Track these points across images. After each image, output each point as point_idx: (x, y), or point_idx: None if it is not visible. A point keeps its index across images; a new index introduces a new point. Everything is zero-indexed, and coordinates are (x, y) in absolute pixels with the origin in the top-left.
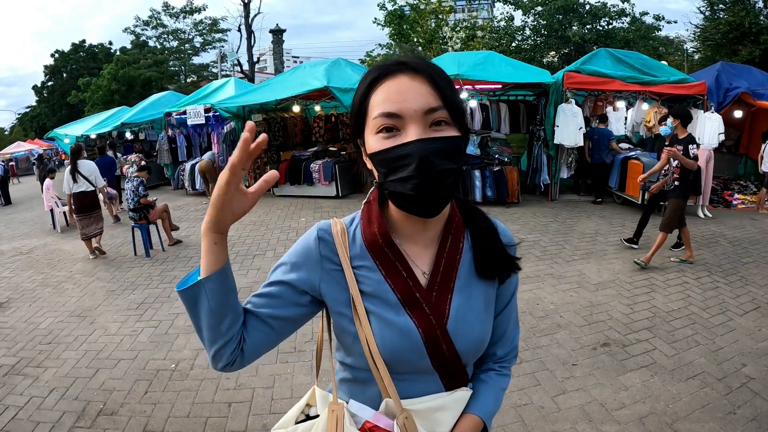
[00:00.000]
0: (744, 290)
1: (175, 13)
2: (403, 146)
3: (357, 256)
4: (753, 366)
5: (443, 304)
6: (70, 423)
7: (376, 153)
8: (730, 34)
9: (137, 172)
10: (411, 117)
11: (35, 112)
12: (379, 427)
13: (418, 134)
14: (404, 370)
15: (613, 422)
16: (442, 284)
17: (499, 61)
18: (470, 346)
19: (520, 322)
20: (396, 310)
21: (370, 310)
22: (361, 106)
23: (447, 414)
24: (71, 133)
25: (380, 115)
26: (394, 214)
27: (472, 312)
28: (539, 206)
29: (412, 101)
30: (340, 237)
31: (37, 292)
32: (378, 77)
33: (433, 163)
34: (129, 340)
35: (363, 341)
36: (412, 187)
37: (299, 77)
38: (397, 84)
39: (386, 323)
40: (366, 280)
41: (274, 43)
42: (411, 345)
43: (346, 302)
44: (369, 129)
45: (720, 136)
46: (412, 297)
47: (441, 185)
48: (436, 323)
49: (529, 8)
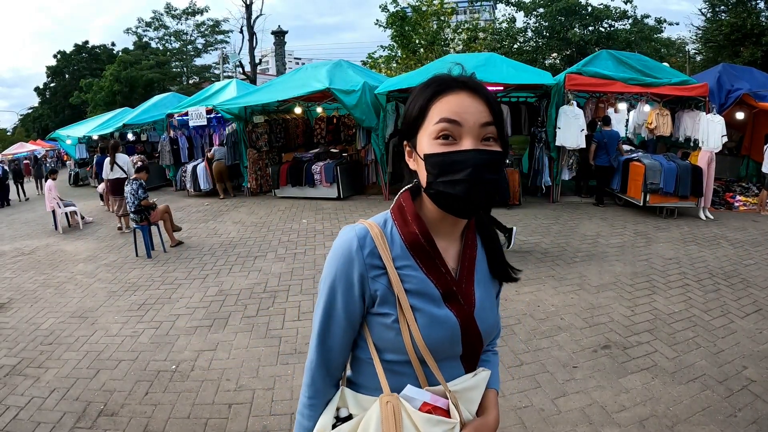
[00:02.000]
0: (745, 292)
1: (178, 15)
2: (461, 153)
3: (399, 257)
4: (754, 368)
5: (471, 295)
6: (71, 423)
7: (432, 155)
8: (732, 36)
9: (135, 173)
10: (469, 128)
11: (37, 113)
12: (438, 407)
13: (473, 145)
14: (440, 357)
15: (613, 425)
16: (468, 277)
17: (501, 62)
18: (490, 330)
19: (521, 324)
20: (438, 304)
21: (415, 306)
22: (421, 111)
23: (476, 392)
24: (73, 134)
25: (443, 120)
26: (430, 214)
27: (489, 300)
28: (541, 208)
29: (472, 115)
30: (380, 240)
31: (38, 293)
32: (442, 90)
33: (483, 172)
34: (130, 341)
35: (406, 336)
36: (462, 190)
37: (301, 79)
38: (460, 98)
39: (431, 317)
40: (410, 279)
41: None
42: (451, 334)
43: (391, 302)
44: (426, 133)
45: (723, 139)
46: (450, 290)
47: (485, 191)
48: (468, 311)
49: (530, 10)
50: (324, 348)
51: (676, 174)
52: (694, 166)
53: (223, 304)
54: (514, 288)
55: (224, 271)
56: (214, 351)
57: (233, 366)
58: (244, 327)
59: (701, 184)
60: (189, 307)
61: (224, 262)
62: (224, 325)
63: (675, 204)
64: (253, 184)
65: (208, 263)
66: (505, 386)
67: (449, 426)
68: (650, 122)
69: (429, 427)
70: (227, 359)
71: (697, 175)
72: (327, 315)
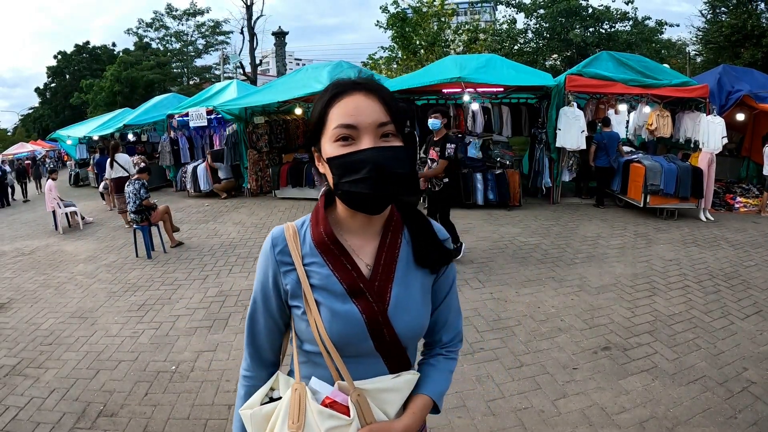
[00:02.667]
0: (746, 294)
1: (179, 16)
2: (360, 152)
3: (307, 255)
4: (754, 370)
5: (385, 293)
6: (71, 424)
7: (334, 158)
8: (733, 37)
9: (137, 174)
10: (365, 129)
11: (38, 113)
12: (337, 402)
13: (371, 143)
14: (351, 352)
15: (613, 426)
16: (384, 275)
17: (501, 64)
18: (408, 330)
19: (521, 325)
20: (342, 299)
21: (319, 300)
22: (320, 118)
23: (396, 395)
24: (74, 134)
25: (339, 126)
26: (341, 213)
27: (411, 300)
28: (541, 209)
29: (367, 116)
30: (292, 240)
31: (38, 293)
32: (337, 94)
33: (383, 168)
34: (130, 342)
35: (313, 328)
36: (365, 187)
37: (301, 80)
38: (354, 101)
39: (333, 311)
40: (315, 275)
41: (276, 45)
42: (355, 329)
43: (300, 296)
44: (327, 138)
45: (723, 140)
46: (356, 287)
47: (390, 185)
48: (378, 310)
49: (531, 11)
50: (252, 332)
51: (677, 175)
52: (694, 167)
53: (223, 305)
54: (514, 289)
55: (224, 271)
56: (213, 352)
57: (233, 367)
58: (244, 328)
59: (701, 185)
60: (189, 307)
61: (224, 263)
62: (224, 325)
63: (675, 205)
64: (253, 184)
65: (208, 264)
66: (505, 387)
67: (341, 422)
68: (650, 123)
69: (321, 419)
70: (227, 360)
71: (697, 177)
72: (254, 303)
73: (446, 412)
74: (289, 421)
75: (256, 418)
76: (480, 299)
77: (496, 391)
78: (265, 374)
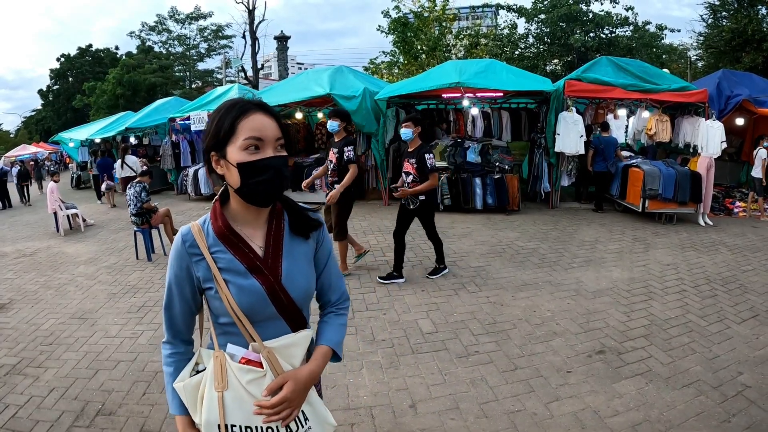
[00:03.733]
0: (743, 298)
1: (181, 19)
2: (269, 159)
3: (212, 245)
4: (749, 374)
5: (277, 267)
6: (69, 422)
7: (245, 162)
8: (733, 42)
9: (139, 177)
10: (268, 141)
11: (40, 115)
12: (252, 360)
13: (272, 153)
14: (258, 318)
15: (606, 429)
16: (274, 253)
17: (501, 69)
18: (301, 293)
19: (516, 329)
20: (244, 276)
21: (227, 279)
22: (231, 128)
23: (297, 349)
24: (76, 137)
25: (250, 138)
26: (235, 208)
27: (298, 269)
28: (540, 214)
29: (269, 131)
30: (198, 234)
31: (39, 294)
32: (244, 111)
33: (280, 170)
34: (129, 343)
35: (225, 302)
36: (269, 187)
37: (302, 83)
38: (260, 119)
39: (239, 286)
40: (221, 260)
41: (278, 49)
42: (258, 298)
43: (210, 279)
44: (235, 146)
45: (722, 144)
46: (254, 265)
47: (282, 185)
48: (274, 280)
49: (532, 16)
50: (170, 316)
51: (675, 180)
52: (693, 172)
53: None
54: (510, 293)
55: None
56: None
57: None
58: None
59: (700, 190)
60: None
61: None
62: None
63: (674, 210)
64: None
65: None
66: (499, 390)
67: (258, 374)
68: (650, 128)
69: (242, 374)
70: None
71: (696, 181)
72: (169, 292)
73: (439, 414)
74: (215, 383)
75: (188, 389)
76: (476, 303)
77: (489, 394)
78: (185, 349)
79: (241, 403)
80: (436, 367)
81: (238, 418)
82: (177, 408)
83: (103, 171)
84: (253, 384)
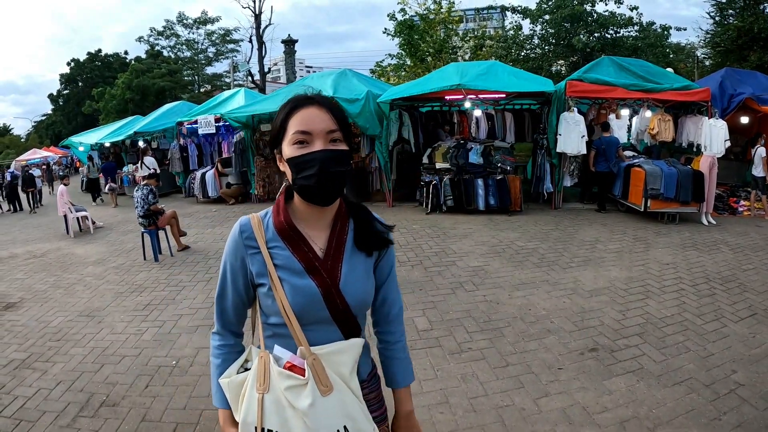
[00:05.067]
0: (741, 297)
1: (189, 24)
2: (312, 153)
3: (270, 240)
4: (743, 373)
5: (335, 270)
6: (74, 413)
7: (292, 158)
8: (740, 40)
9: (146, 179)
10: (317, 134)
11: (51, 120)
12: (296, 366)
13: (321, 146)
14: (310, 320)
15: (593, 425)
16: (335, 256)
17: (503, 70)
18: (357, 300)
19: (510, 326)
20: (301, 276)
21: (281, 277)
22: (282, 125)
23: (346, 356)
24: (86, 141)
25: (297, 132)
26: (298, 205)
27: (357, 276)
28: (542, 214)
29: (318, 124)
30: (257, 227)
31: (48, 293)
32: (295, 107)
33: (329, 165)
34: (134, 339)
35: (278, 301)
36: (315, 182)
37: (307, 88)
38: (309, 112)
39: (294, 286)
40: (278, 256)
41: (286, 53)
42: (312, 300)
43: (265, 274)
44: (287, 142)
45: (726, 143)
46: (312, 265)
47: (333, 181)
48: (331, 283)
49: (536, 17)
50: (221, 306)
51: (677, 179)
52: (695, 171)
53: None
54: (507, 292)
55: None
56: None
57: None
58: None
59: (703, 189)
60: (192, 307)
61: None
62: None
63: (676, 209)
64: (260, 191)
65: (213, 267)
66: (489, 386)
67: (298, 382)
68: (652, 128)
69: (281, 380)
70: None
71: (698, 181)
72: (222, 281)
73: (429, 408)
74: (257, 384)
75: (232, 385)
76: (472, 301)
77: (479, 389)
78: (234, 341)
79: (279, 408)
80: (429, 363)
81: (275, 423)
82: (220, 401)
83: (107, 174)
84: (291, 391)
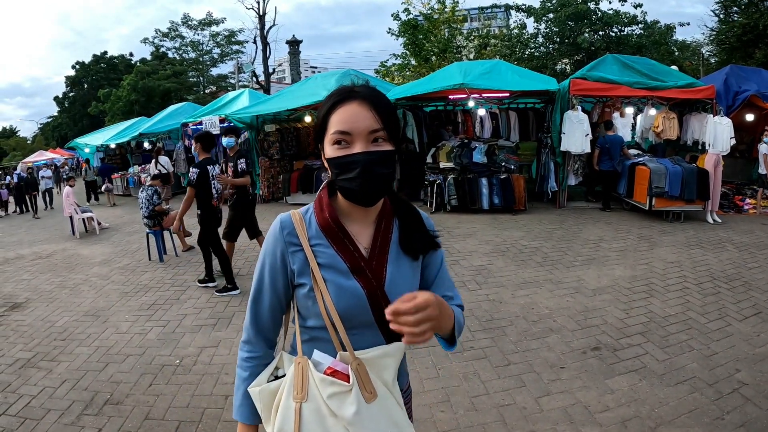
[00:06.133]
0: (746, 295)
1: (194, 26)
2: (352, 155)
3: (313, 237)
4: (747, 372)
5: (381, 271)
6: (79, 411)
7: (332, 158)
8: (745, 37)
9: (151, 181)
10: (358, 135)
11: (57, 122)
12: (338, 371)
13: (363, 148)
14: (353, 324)
15: (594, 424)
16: (380, 256)
17: (506, 69)
18: None
19: (512, 325)
20: (346, 276)
21: (326, 277)
22: (323, 121)
23: (390, 360)
24: (92, 142)
25: (336, 132)
26: (342, 203)
27: (402, 277)
28: (546, 213)
29: (360, 123)
30: (299, 224)
31: (54, 294)
32: (337, 102)
33: (371, 168)
34: (138, 338)
35: (320, 302)
36: (356, 185)
37: (310, 88)
38: (351, 109)
39: (339, 286)
40: (322, 255)
41: (290, 54)
42: (358, 302)
43: (307, 273)
44: (327, 140)
45: (731, 141)
46: (357, 265)
47: (376, 184)
48: (377, 285)
49: (541, 16)
50: (256, 311)
51: (682, 177)
52: (700, 169)
53: (228, 304)
54: (510, 291)
55: None
56: (216, 347)
57: (232, 361)
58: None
59: (708, 187)
60: (196, 307)
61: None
62: (228, 324)
63: (681, 208)
64: (265, 191)
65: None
66: (490, 385)
67: (342, 388)
68: (657, 126)
69: (325, 386)
70: (228, 355)
71: (703, 179)
72: (259, 283)
73: (430, 407)
74: (294, 392)
75: (263, 394)
76: (475, 300)
77: (481, 388)
78: (266, 352)
79: (319, 418)
80: (431, 361)
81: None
82: (243, 415)
83: (104, 175)
84: (334, 399)
